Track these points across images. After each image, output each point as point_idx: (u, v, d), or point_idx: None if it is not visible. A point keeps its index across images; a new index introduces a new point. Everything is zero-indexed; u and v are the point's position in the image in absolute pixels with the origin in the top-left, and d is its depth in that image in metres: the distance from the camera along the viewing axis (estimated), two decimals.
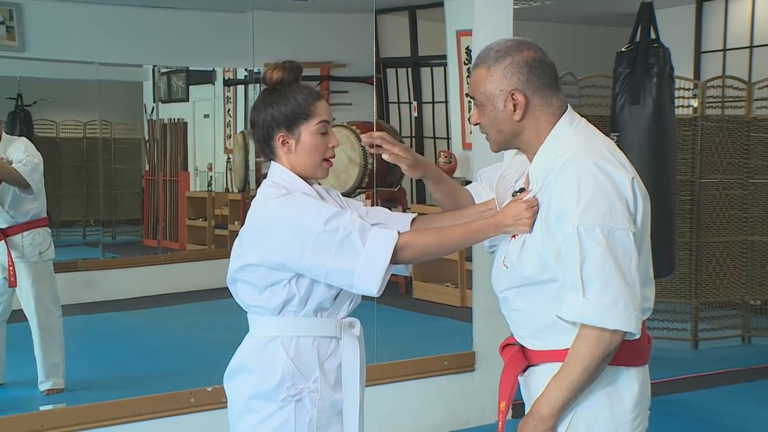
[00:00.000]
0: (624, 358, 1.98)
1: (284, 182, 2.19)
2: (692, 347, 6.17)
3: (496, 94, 2.02)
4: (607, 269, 1.88)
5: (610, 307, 1.88)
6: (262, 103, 2.20)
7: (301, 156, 2.19)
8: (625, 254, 1.90)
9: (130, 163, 8.34)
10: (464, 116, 7.22)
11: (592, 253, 1.88)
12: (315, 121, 2.19)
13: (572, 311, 1.90)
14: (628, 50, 4.36)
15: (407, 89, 8.55)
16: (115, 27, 7.37)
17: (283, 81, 2.19)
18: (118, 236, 8.37)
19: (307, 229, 2.06)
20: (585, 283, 1.88)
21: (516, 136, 2.05)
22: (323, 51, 7.91)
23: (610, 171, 1.93)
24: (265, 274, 2.14)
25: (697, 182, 6.07)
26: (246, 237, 2.18)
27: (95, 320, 6.49)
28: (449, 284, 7.12)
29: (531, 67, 2.01)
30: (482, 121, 2.07)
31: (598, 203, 1.90)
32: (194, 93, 8.43)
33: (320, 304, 2.18)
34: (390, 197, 7.55)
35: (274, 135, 2.19)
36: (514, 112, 2.01)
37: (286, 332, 2.18)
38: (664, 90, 4.30)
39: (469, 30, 4.63)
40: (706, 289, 6.18)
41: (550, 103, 2.03)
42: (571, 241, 1.90)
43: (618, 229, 1.90)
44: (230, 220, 8.21)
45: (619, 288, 1.88)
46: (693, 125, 6.04)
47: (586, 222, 1.89)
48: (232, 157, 8.18)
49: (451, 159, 7.25)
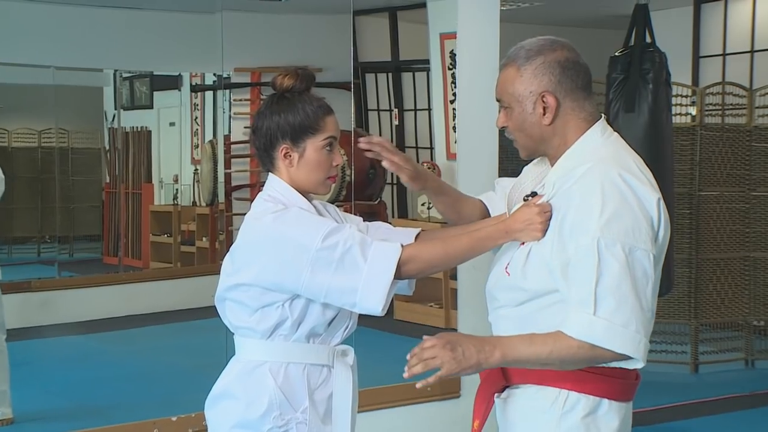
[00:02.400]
0: (609, 391, 2.00)
1: (281, 196, 2.19)
2: (692, 371, 6.20)
3: (526, 95, 2.02)
4: (623, 289, 1.88)
5: (621, 329, 1.88)
6: (268, 110, 2.20)
7: (303, 171, 2.20)
8: (644, 276, 1.91)
9: (89, 175, 8.31)
10: (448, 124, 7.26)
11: (610, 270, 1.88)
12: (323, 136, 2.20)
13: (579, 328, 1.90)
14: (622, 55, 4.40)
15: (387, 96, 8.58)
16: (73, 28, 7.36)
17: (294, 89, 2.20)
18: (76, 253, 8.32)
19: (304, 245, 2.06)
20: (598, 300, 1.88)
21: (545, 141, 2.05)
22: (297, 55, 7.91)
23: (636, 186, 1.94)
24: (259, 294, 2.14)
25: (696, 195, 6.12)
26: (238, 254, 2.18)
27: (50, 345, 6.44)
28: (433, 304, 7.13)
29: (564, 67, 2.01)
30: (509, 125, 2.07)
31: (621, 218, 1.90)
32: (159, 99, 8.42)
33: (313, 329, 2.18)
34: (369, 211, 7.57)
35: (276, 145, 2.19)
36: (544, 115, 2.01)
37: (275, 357, 2.18)
38: (660, 97, 4.34)
39: (453, 32, 4.65)
40: (707, 309, 6.23)
41: (582, 108, 2.04)
42: (588, 254, 1.89)
43: (639, 249, 1.90)
44: (197, 236, 8.18)
45: (632, 311, 1.89)
46: (691, 134, 6.10)
47: (607, 236, 1.88)
48: (200, 168, 8.17)
49: (435, 170, 7.28)
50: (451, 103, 7.17)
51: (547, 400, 2.00)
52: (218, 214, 7.92)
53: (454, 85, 6.94)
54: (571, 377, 1.98)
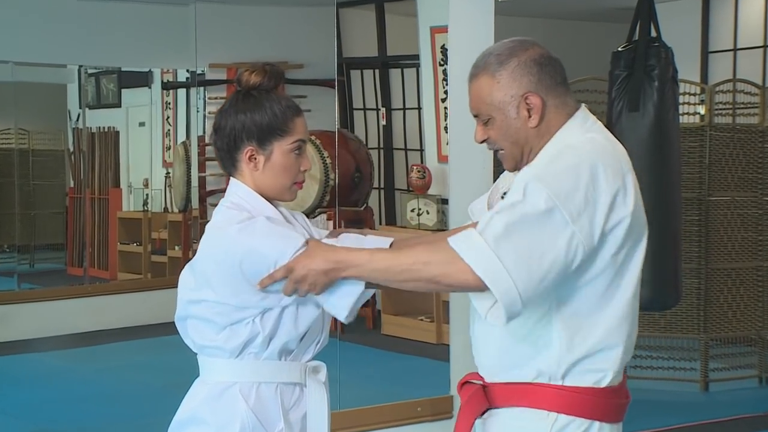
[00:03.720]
0: (601, 413, 2.00)
1: (245, 203, 2.19)
2: (702, 389, 6.22)
3: (507, 101, 2.01)
4: (520, 229, 1.86)
5: (492, 256, 1.85)
6: (232, 108, 2.20)
7: (268, 175, 2.20)
8: (550, 240, 1.86)
9: (52, 179, 8.29)
10: (440, 124, 7.28)
11: (521, 209, 1.87)
12: (291, 139, 2.20)
13: (458, 239, 1.89)
14: (625, 50, 4.42)
15: (374, 94, 8.59)
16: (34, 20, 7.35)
17: (262, 86, 2.21)
18: (37, 264, 8.30)
19: (273, 261, 2.07)
20: (490, 222, 1.87)
21: (530, 143, 2.03)
22: (277, 50, 7.93)
23: (600, 169, 1.92)
24: (229, 311, 2.14)
25: (705, 200, 6.15)
26: (201, 268, 2.18)
27: (9, 362, 6.42)
28: (423, 318, 7.14)
29: (541, 65, 2.01)
30: (491, 135, 2.05)
31: (562, 179, 1.89)
32: (127, 97, 8.42)
33: (285, 344, 2.18)
34: (355, 218, 7.57)
35: (241, 147, 2.19)
36: (529, 117, 2.01)
37: (245, 377, 2.18)
38: (666, 95, 4.36)
39: (444, 26, 4.67)
40: (717, 323, 6.25)
41: (565, 104, 2.04)
42: (513, 194, 1.89)
43: (560, 213, 1.87)
44: (169, 245, 8.18)
45: (517, 252, 1.85)
46: (700, 135, 6.13)
47: (539, 183, 1.88)
48: (172, 172, 8.17)
49: (425, 174, 7.30)
50: (443, 101, 7.18)
51: (535, 423, 2.00)
52: (192, 221, 7.91)
53: (445, 82, 6.96)
54: (562, 400, 1.98)
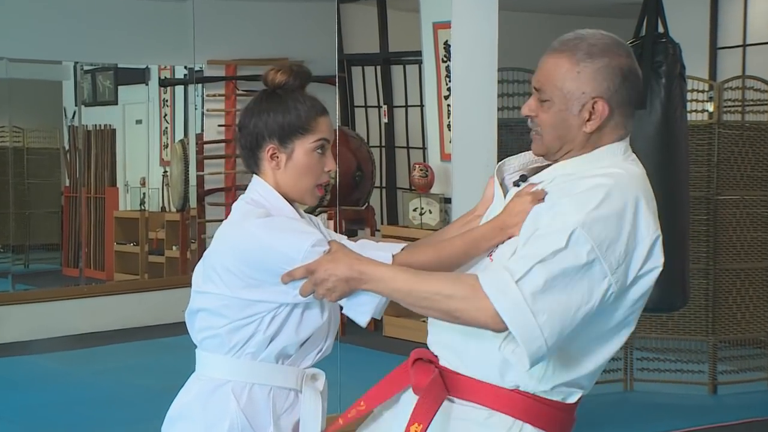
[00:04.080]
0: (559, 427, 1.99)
1: (265, 201, 2.21)
2: (710, 392, 6.21)
3: (576, 95, 1.96)
4: (559, 284, 1.83)
5: (528, 314, 1.82)
6: (257, 106, 2.24)
7: (290, 175, 2.22)
8: (587, 293, 1.85)
9: (47, 178, 8.29)
10: (442, 122, 7.27)
11: (564, 261, 1.83)
12: (314, 137, 2.22)
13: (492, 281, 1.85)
14: (631, 46, 4.42)
15: (376, 91, 8.60)
16: (29, 16, 7.35)
17: (287, 86, 2.23)
18: (32, 264, 8.30)
19: (291, 258, 2.08)
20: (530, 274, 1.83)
21: (571, 143, 2.00)
22: (277, 46, 7.93)
23: (642, 214, 1.90)
24: (240, 305, 2.15)
25: (713, 199, 6.14)
26: (213, 262, 2.19)
27: (3, 365, 6.42)
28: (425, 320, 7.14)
29: (625, 77, 1.96)
30: (541, 117, 2.01)
31: (607, 226, 1.86)
32: (124, 94, 8.42)
33: (284, 349, 2.19)
34: (356, 217, 7.58)
35: (263, 145, 2.22)
36: (588, 121, 1.97)
37: (239, 377, 2.19)
38: (674, 92, 4.36)
39: (447, 22, 4.67)
40: (726, 325, 6.25)
41: (624, 126, 2.00)
42: (555, 235, 1.85)
43: (601, 266, 1.86)
44: (167, 245, 8.18)
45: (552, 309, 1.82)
46: (708, 133, 6.13)
47: (585, 232, 1.84)
48: (170, 171, 8.17)
49: (428, 172, 7.29)
50: (446, 98, 7.18)
51: (499, 428, 1.97)
52: (190, 220, 7.92)
53: (448, 79, 6.96)
54: (528, 408, 1.96)
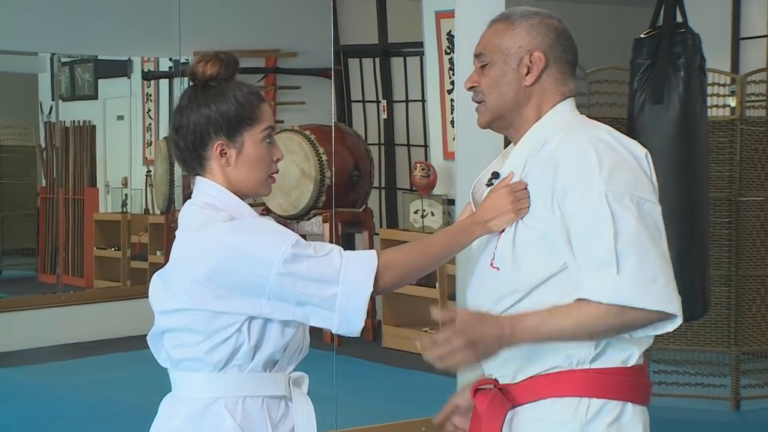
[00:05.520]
0: (631, 394, 2.11)
1: (218, 203, 2.20)
2: (733, 407, 6.22)
3: (513, 50, 2.17)
4: (643, 242, 2.02)
5: (649, 284, 2.00)
6: (193, 102, 2.21)
7: (242, 170, 2.22)
8: (657, 229, 2.06)
9: (22, 178, 8.30)
10: (445, 118, 7.28)
11: (626, 222, 2.02)
12: (261, 126, 2.22)
13: (603, 291, 2.00)
14: (648, 36, 4.42)
15: (374, 84, 8.60)
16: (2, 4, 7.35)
17: (219, 76, 2.22)
18: (6, 270, 8.31)
19: (268, 261, 2.09)
20: (619, 258, 2.00)
21: (517, 105, 2.18)
22: (269, 36, 7.94)
23: (626, 141, 2.13)
24: (208, 318, 2.15)
25: (735, 201, 6.15)
26: (176, 275, 2.18)
27: None
28: (428, 329, 7.14)
29: (559, 35, 2.20)
30: (482, 82, 2.20)
31: (622, 171, 2.06)
32: (104, 88, 8.42)
33: (271, 355, 2.19)
34: (353, 220, 7.58)
35: (209, 142, 2.20)
36: (527, 74, 2.16)
37: (230, 392, 2.19)
38: (693, 86, 4.37)
39: (450, 11, 4.69)
40: (749, 335, 6.24)
41: (565, 82, 2.21)
42: (598, 212, 2.02)
43: (647, 201, 2.06)
44: (150, 249, 8.18)
45: (657, 264, 2.02)
46: (730, 129, 6.13)
47: (614, 189, 2.03)
48: (154, 170, 8.18)
49: (430, 172, 7.29)
50: (449, 93, 7.19)
51: (566, 412, 2.08)
52: (174, 223, 7.91)
53: (452, 72, 6.97)
54: (592, 383, 2.08)
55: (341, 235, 7.35)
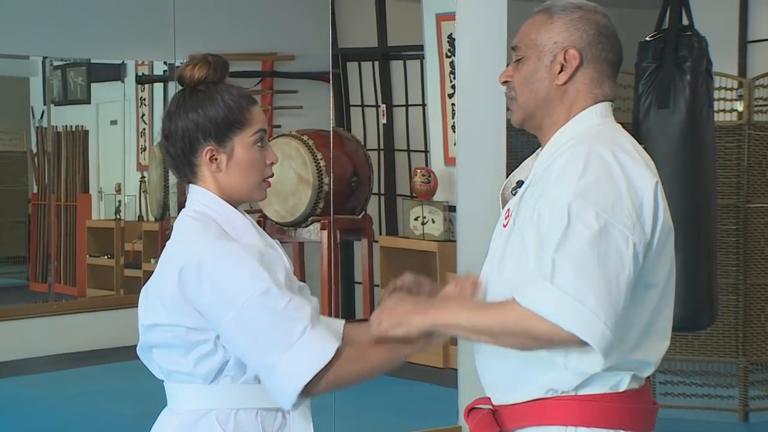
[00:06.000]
0: (625, 420, 2.04)
1: (210, 211, 2.21)
2: (741, 419, 6.21)
3: (548, 46, 2.12)
4: (586, 261, 1.93)
5: (574, 303, 1.91)
6: (181, 108, 2.21)
7: (234, 175, 2.22)
8: (617, 260, 1.94)
9: (13, 184, 8.30)
10: (446, 123, 7.28)
11: (576, 236, 1.94)
12: (252, 130, 2.21)
13: (530, 295, 1.95)
14: (653, 39, 4.43)
15: (373, 89, 8.60)
16: None
17: (208, 80, 2.22)
18: None
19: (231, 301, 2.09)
20: (555, 266, 1.93)
21: (548, 104, 2.13)
22: (266, 39, 7.94)
23: (629, 166, 2.01)
24: (182, 333, 2.16)
25: (743, 207, 6.15)
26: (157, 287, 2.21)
27: None
28: None
29: (600, 32, 2.13)
30: (515, 78, 2.16)
31: (602, 188, 1.97)
32: (97, 93, 8.43)
33: None
34: (352, 227, 7.57)
35: (199, 148, 2.21)
36: (560, 73, 2.11)
37: (222, 404, 2.19)
38: (699, 90, 4.37)
39: (452, 13, 4.70)
40: (758, 345, 6.24)
41: (600, 84, 2.14)
42: (557, 219, 1.96)
43: (617, 228, 1.95)
44: (144, 257, 8.18)
45: (593, 287, 1.92)
46: (737, 134, 6.13)
47: (581, 202, 1.95)
48: (148, 176, 8.18)
49: (430, 178, 7.30)
50: (450, 97, 7.20)
51: None
52: (169, 230, 7.91)
53: (453, 75, 6.97)
54: (575, 411, 2.03)
55: (339, 242, 7.35)
